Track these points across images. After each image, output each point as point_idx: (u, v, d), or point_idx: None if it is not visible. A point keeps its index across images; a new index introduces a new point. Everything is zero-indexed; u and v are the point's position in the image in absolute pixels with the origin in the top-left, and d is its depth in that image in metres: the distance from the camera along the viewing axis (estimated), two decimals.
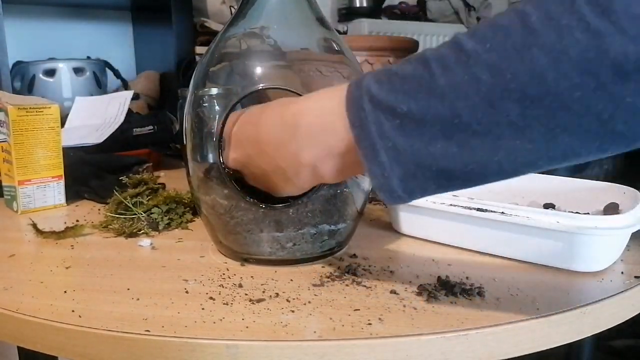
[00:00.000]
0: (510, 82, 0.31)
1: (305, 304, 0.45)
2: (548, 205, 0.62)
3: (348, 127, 0.39)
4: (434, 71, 0.34)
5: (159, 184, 0.75)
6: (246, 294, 0.47)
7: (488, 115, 0.32)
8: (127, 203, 0.68)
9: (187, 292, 0.47)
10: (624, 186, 0.59)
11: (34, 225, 0.63)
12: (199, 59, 0.56)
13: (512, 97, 0.31)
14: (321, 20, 0.55)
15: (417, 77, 0.35)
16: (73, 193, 0.79)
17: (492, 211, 0.53)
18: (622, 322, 0.47)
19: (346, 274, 0.51)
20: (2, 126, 0.74)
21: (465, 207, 0.55)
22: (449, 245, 0.58)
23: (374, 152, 0.37)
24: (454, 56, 0.34)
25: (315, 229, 0.53)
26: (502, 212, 0.53)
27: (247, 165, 0.49)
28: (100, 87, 1.58)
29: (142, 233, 0.64)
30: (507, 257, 0.54)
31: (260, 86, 0.51)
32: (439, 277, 0.49)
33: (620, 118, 0.30)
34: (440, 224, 0.58)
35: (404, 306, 0.44)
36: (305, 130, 0.43)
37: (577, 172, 0.66)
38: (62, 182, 0.77)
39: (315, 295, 0.47)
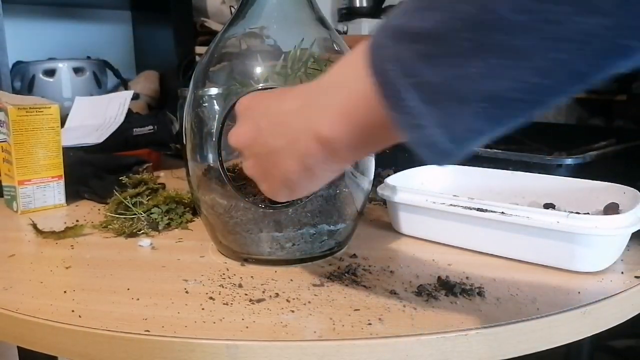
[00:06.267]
0: None
1: (305, 304, 0.45)
2: (548, 205, 0.62)
3: (365, 74, 0.31)
4: None
5: (159, 184, 0.75)
6: (246, 294, 0.47)
7: None
8: (127, 203, 0.68)
9: (187, 292, 0.47)
10: (624, 186, 0.59)
11: (34, 225, 0.63)
12: (199, 59, 0.56)
13: None
14: (321, 20, 0.55)
15: None
16: (73, 193, 0.79)
17: (492, 211, 0.53)
18: (622, 322, 0.47)
19: (346, 274, 0.51)
20: (2, 126, 0.74)
21: (465, 207, 0.55)
22: (449, 245, 0.58)
23: (398, 96, 0.29)
24: None
25: (315, 229, 0.53)
26: (502, 212, 0.52)
27: (253, 141, 0.40)
28: (100, 87, 1.58)
29: (142, 233, 0.64)
30: (507, 257, 0.54)
31: (260, 86, 0.51)
32: (439, 277, 0.49)
33: None
34: (440, 224, 0.58)
35: (404, 306, 0.44)
36: (317, 88, 0.36)
37: (578, 172, 0.66)
38: (62, 182, 0.77)
39: (315, 295, 0.47)
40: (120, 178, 0.74)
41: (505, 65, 0.26)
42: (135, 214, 0.66)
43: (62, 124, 0.94)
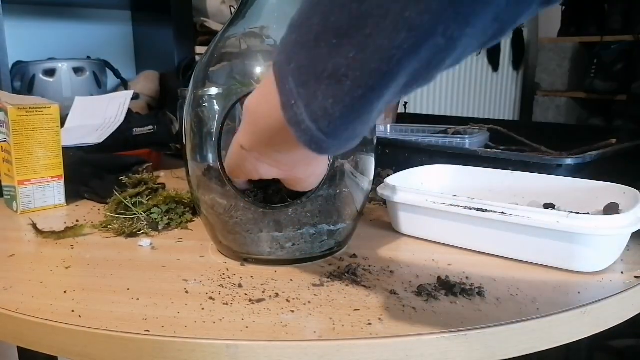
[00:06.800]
0: None
1: (305, 304, 0.45)
2: (548, 205, 0.62)
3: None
4: None
5: (159, 184, 0.75)
6: (246, 294, 0.47)
7: None
8: (127, 203, 0.68)
9: (187, 292, 0.47)
10: (624, 186, 0.59)
11: (34, 225, 0.63)
12: (199, 59, 0.56)
13: None
14: None
15: None
16: (73, 193, 0.79)
17: (492, 211, 0.53)
18: (622, 322, 0.47)
19: (346, 274, 0.51)
20: (2, 126, 0.74)
21: (465, 207, 0.55)
22: (449, 245, 0.58)
23: (284, 80, 0.33)
24: None
25: (315, 229, 0.53)
26: (502, 212, 0.53)
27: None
28: (100, 87, 1.58)
29: (142, 233, 0.64)
30: (507, 257, 0.54)
31: None
32: (439, 277, 0.49)
33: None
34: (440, 224, 0.58)
35: (404, 306, 0.44)
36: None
37: (578, 172, 0.66)
38: (62, 182, 0.77)
39: (315, 295, 0.47)
40: (120, 178, 0.74)
41: (336, 43, 0.30)
42: (135, 214, 0.66)
43: (62, 124, 0.94)
